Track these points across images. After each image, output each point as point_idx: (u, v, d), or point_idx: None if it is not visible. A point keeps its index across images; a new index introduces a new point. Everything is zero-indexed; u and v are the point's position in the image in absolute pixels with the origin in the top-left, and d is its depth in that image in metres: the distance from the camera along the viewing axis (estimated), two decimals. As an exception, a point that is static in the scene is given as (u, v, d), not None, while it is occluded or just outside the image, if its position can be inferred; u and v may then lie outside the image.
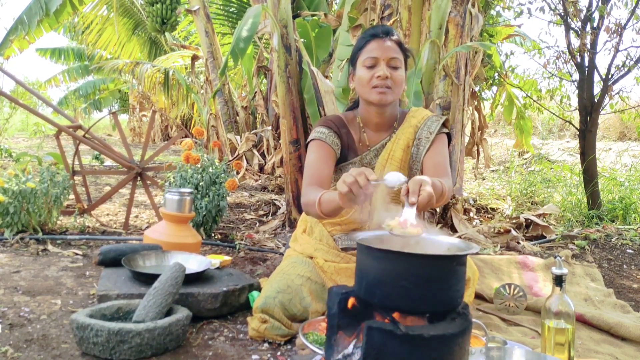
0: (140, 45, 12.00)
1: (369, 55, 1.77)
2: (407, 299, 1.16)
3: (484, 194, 5.15)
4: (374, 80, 1.76)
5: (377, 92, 1.77)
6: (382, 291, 1.18)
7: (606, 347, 1.85)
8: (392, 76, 1.76)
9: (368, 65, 1.77)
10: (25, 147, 9.15)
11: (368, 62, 1.77)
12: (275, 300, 1.72)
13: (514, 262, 2.63)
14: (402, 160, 1.85)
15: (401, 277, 1.15)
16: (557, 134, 10.07)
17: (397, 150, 1.85)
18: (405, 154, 1.86)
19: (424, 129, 1.86)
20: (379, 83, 1.75)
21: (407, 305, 1.17)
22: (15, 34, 6.78)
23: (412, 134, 1.86)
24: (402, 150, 1.85)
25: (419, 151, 1.85)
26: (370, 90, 1.78)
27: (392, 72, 1.76)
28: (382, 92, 1.76)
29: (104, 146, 3.50)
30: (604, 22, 4.04)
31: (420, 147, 1.85)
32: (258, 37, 5.69)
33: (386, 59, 1.76)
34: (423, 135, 1.86)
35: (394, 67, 1.77)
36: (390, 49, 1.76)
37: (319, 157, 1.81)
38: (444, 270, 1.17)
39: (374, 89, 1.77)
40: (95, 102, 17.80)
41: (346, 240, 1.93)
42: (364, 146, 1.90)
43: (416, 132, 1.87)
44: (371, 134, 1.90)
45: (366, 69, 1.77)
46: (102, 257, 2.15)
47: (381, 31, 1.80)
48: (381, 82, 1.75)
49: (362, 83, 1.79)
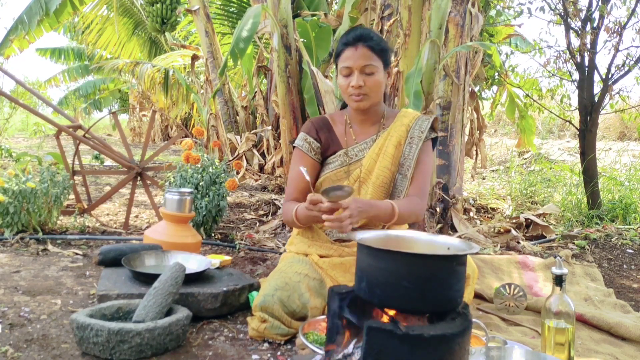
0: (140, 45, 12.00)
1: (343, 64, 1.86)
2: (407, 299, 1.16)
3: (484, 193, 5.15)
4: (350, 89, 1.86)
5: (353, 100, 1.88)
6: (382, 291, 1.18)
7: (606, 347, 1.85)
8: (366, 83, 1.84)
9: (344, 74, 1.87)
10: (25, 147, 9.15)
11: (343, 72, 1.87)
12: (274, 298, 1.73)
13: (514, 262, 2.63)
14: (393, 156, 1.93)
15: (401, 277, 1.15)
16: (557, 133, 10.07)
17: (390, 147, 1.93)
18: (397, 150, 1.94)
19: (415, 128, 1.96)
20: (353, 92, 1.85)
21: (407, 305, 1.17)
22: (15, 34, 6.78)
23: (404, 132, 1.95)
24: (394, 147, 1.93)
25: (412, 149, 1.94)
26: (348, 97, 1.90)
27: (367, 79, 1.84)
28: (357, 100, 1.88)
29: (104, 146, 3.50)
30: (604, 21, 4.03)
31: (413, 146, 1.94)
32: (258, 37, 5.69)
33: (359, 67, 1.83)
34: (415, 134, 1.95)
35: (369, 74, 1.84)
36: (362, 57, 1.82)
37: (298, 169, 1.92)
38: (444, 270, 1.17)
39: (350, 97, 1.88)
40: (95, 102, 17.81)
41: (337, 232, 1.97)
42: (351, 140, 1.99)
43: (408, 130, 1.96)
44: (357, 129, 2.00)
45: (343, 77, 1.88)
46: (102, 257, 2.15)
47: (353, 38, 1.85)
48: (355, 91, 1.85)
49: (342, 90, 1.91)
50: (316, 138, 1.99)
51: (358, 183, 1.95)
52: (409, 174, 1.93)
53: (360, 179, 1.95)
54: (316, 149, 1.99)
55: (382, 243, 1.32)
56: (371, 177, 1.93)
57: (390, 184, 1.94)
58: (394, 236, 1.42)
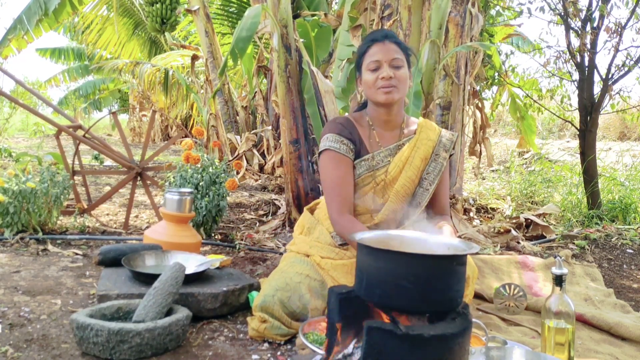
0: (140, 45, 12.00)
1: (372, 59, 1.86)
2: (407, 299, 1.16)
3: (484, 193, 5.15)
4: (379, 81, 1.85)
5: (383, 92, 1.85)
6: (382, 291, 1.18)
7: (606, 347, 1.85)
8: (396, 75, 1.84)
9: (372, 68, 1.86)
10: (25, 147, 9.15)
11: (372, 66, 1.86)
12: (274, 298, 1.72)
13: (514, 262, 2.63)
14: (419, 169, 1.94)
15: (401, 277, 1.15)
16: (557, 133, 10.07)
17: (416, 159, 1.93)
18: (423, 164, 1.94)
19: (441, 146, 1.98)
20: (384, 84, 1.84)
21: (407, 305, 1.17)
22: (14, 34, 6.77)
23: (430, 147, 1.96)
24: (420, 160, 1.94)
25: (437, 167, 1.96)
26: (377, 91, 1.86)
27: (396, 72, 1.85)
28: (388, 92, 1.85)
29: (104, 146, 3.50)
30: (604, 21, 4.03)
31: (438, 164, 1.96)
32: (258, 37, 5.69)
33: (388, 60, 1.84)
34: (440, 152, 1.97)
35: (397, 67, 1.85)
36: (391, 50, 1.85)
37: (341, 174, 1.87)
38: (444, 270, 1.17)
39: (380, 90, 1.85)
40: (95, 102, 17.81)
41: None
42: (375, 144, 1.95)
43: (434, 146, 1.97)
44: (381, 132, 1.97)
45: (370, 72, 1.86)
46: (102, 257, 2.15)
47: (380, 35, 1.90)
48: (386, 82, 1.84)
49: (369, 85, 1.88)
50: (350, 138, 1.91)
51: (382, 189, 1.93)
52: (431, 188, 1.94)
53: (384, 184, 1.92)
54: (353, 150, 1.92)
55: (382, 243, 1.32)
56: (395, 185, 1.92)
57: (411, 194, 1.94)
58: (395, 236, 1.42)
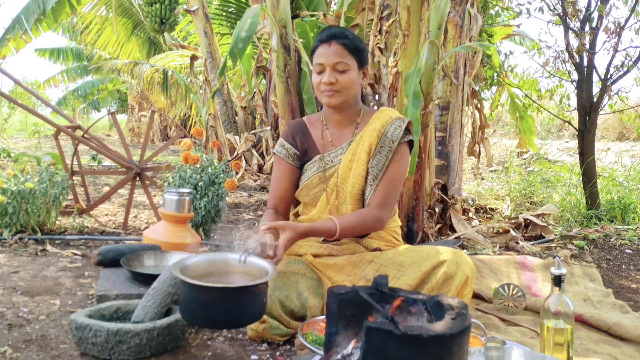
0: (139, 45, 11.99)
1: (317, 61, 1.86)
2: (214, 320, 1.44)
3: (483, 194, 5.15)
4: (322, 85, 1.85)
5: (325, 95, 1.86)
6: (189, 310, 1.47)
7: (605, 347, 1.86)
8: (338, 80, 1.83)
9: (317, 71, 1.87)
10: (24, 147, 9.14)
11: (317, 68, 1.86)
12: (273, 298, 1.72)
13: (513, 262, 2.63)
14: (367, 163, 1.88)
15: (196, 301, 1.42)
16: (556, 134, 10.08)
17: (362, 153, 1.88)
18: (369, 157, 1.88)
19: (387, 135, 1.87)
20: (325, 88, 1.84)
21: (215, 324, 1.51)
22: (12, 33, 6.76)
23: (375, 137, 1.88)
24: (366, 154, 1.88)
25: (380, 160, 1.87)
26: (320, 94, 1.89)
27: (339, 76, 1.83)
28: (329, 96, 1.85)
29: (103, 146, 3.50)
30: (602, 22, 4.04)
31: (382, 156, 1.87)
32: (257, 37, 5.69)
33: (331, 64, 1.82)
34: (386, 142, 1.87)
35: (341, 71, 1.83)
36: (334, 54, 1.82)
37: (278, 175, 1.98)
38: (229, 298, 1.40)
39: (322, 93, 1.87)
40: (94, 102, 17.78)
41: None
42: (327, 144, 1.96)
43: (379, 136, 1.88)
44: (334, 131, 1.97)
45: (316, 74, 1.87)
46: (101, 258, 2.14)
47: (326, 36, 1.85)
48: (327, 87, 1.84)
49: (315, 86, 1.90)
50: (292, 143, 1.96)
51: (335, 192, 1.91)
52: (375, 183, 1.86)
53: (337, 187, 1.90)
54: (293, 155, 1.96)
55: (208, 266, 1.57)
56: (347, 185, 1.88)
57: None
58: (220, 260, 1.60)
